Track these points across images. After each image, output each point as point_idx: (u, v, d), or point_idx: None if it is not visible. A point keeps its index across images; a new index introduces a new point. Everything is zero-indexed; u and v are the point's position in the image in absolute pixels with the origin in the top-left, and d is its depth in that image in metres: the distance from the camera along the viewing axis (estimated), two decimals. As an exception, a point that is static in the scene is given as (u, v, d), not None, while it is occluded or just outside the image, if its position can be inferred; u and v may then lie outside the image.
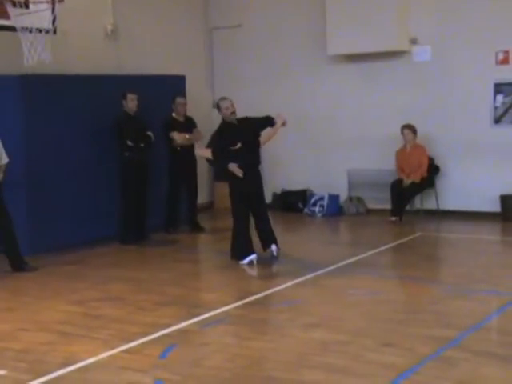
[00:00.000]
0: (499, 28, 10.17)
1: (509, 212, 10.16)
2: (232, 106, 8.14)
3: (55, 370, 5.02)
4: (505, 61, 10.21)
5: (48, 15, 8.55)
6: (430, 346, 5.25)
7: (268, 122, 8.26)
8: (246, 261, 8.03)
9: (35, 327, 6.07)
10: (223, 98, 8.25)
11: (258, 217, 8.30)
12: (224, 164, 8.08)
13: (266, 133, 8.39)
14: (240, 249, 8.14)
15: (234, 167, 7.99)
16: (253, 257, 8.04)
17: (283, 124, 8.31)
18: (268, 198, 8.95)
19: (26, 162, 8.87)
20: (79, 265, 8.40)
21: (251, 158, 8.17)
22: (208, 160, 8.97)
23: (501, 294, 6.65)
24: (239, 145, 7.98)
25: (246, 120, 8.26)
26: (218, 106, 8.28)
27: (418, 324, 5.84)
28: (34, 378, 4.90)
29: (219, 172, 8.32)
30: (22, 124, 8.85)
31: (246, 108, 8.73)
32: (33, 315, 6.43)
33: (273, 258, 8.24)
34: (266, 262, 8.19)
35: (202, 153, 8.42)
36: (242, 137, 8.07)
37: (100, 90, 9.55)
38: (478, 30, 10.31)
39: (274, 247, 8.28)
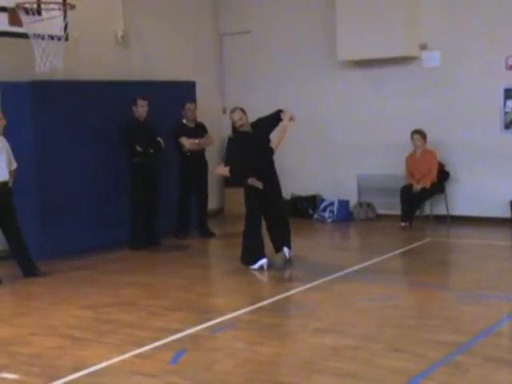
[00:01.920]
0: (509, 33, 10.16)
1: (519, 217, 10.15)
2: (241, 118, 8.10)
3: (67, 375, 5.05)
4: (515, 66, 10.21)
5: (60, 22, 8.62)
6: (441, 351, 5.24)
7: (277, 118, 8.24)
8: (256, 265, 8.04)
9: (47, 332, 6.10)
10: (233, 110, 8.23)
11: (273, 218, 8.29)
12: (243, 180, 8.10)
13: (276, 134, 8.33)
14: (251, 253, 8.14)
15: (253, 181, 8.00)
16: (263, 261, 8.05)
17: (291, 119, 8.26)
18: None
19: (38, 168, 8.93)
20: (90, 270, 8.44)
21: (265, 161, 8.19)
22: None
23: (511, 299, 6.63)
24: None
25: (258, 123, 8.28)
26: (230, 117, 8.30)
27: (429, 329, 5.83)
28: (46, 383, 4.93)
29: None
30: (33, 130, 8.91)
31: (256, 113, 8.74)
32: (44, 320, 6.47)
33: (286, 261, 8.25)
34: (275, 267, 8.21)
35: (221, 172, 8.50)
36: (255, 144, 8.10)
37: (111, 95, 9.60)
38: (488, 35, 10.31)
39: (285, 249, 8.29)
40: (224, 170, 8.30)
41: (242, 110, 8.17)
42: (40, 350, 5.64)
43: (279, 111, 8.29)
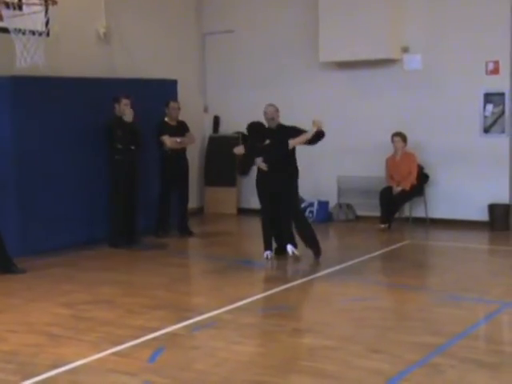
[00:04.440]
0: (489, 38, 10.25)
1: (497, 221, 10.24)
2: (271, 112, 8.50)
3: (44, 372, 5.02)
4: (495, 71, 10.29)
5: (41, 17, 8.54)
6: (418, 352, 5.28)
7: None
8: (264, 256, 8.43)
9: (24, 329, 6.06)
10: (268, 105, 8.60)
11: (280, 216, 8.51)
12: (251, 160, 8.48)
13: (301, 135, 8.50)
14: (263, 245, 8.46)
15: (259, 163, 8.35)
16: (266, 253, 8.37)
17: (318, 131, 8.45)
18: (258, 204, 8.96)
19: (17, 164, 8.86)
20: (69, 267, 8.40)
21: (278, 157, 8.37)
22: (239, 167, 9.14)
23: (488, 301, 6.69)
24: (267, 141, 8.34)
25: (289, 127, 8.53)
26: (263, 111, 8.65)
27: (406, 331, 5.87)
28: (23, 380, 4.89)
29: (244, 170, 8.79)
30: (12, 125, 8.85)
31: (238, 113, 8.78)
32: (21, 317, 6.43)
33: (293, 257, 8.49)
34: (255, 268, 8.22)
35: (237, 151, 8.85)
36: (272, 137, 8.37)
37: (92, 92, 9.56)
38: (469, 39, 10.39)
39: (289, 247, 8.47)
40: (240, 149, 8.74)
41: (276, 109, 8.55)
42: (16, 347, 5.60)
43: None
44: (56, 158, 9.26)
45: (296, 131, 8.49)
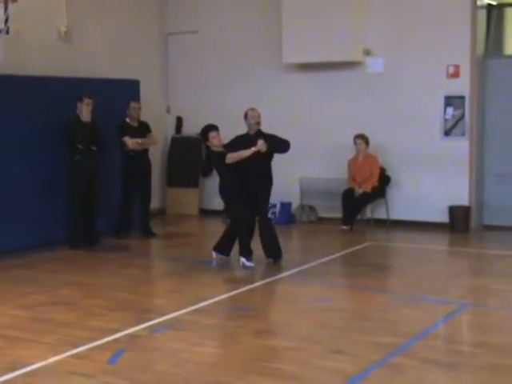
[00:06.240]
0: (450, 42, 10.38)
1: (457, 223, 10.36)
2: (258, 116, 8.42)
3: (2, 375, 4.94)
4: (455, 74, 10.42)
5: (0, 15, 8.44)
6: (379, 353, 5.31)
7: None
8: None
9: (-19, 331, 5.96)
10: (252, 109, 8.52)
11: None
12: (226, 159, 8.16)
13: (242, 151, 8.25)
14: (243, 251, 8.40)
15: (234, 155, 8.09)
16: (249, 263, 8.21)
17: (259, 150, 8.22)
18: (220, 205, 8.94)
19: (-25, 164, 8.72)
20: (27, 269, 8.28)
21: (259, 166, 8.25)
22: (203, 169, 8.95)
23: (448, 302, 6.77)
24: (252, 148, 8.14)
25: (267, 136, 8.36)
26: (245, 115, 8.48)
27: (367, 331, 5.90)
28: (-21, 383, 4.82)
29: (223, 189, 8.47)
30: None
31: (201, 114, 8.75)
32: (-22, 319, 6.32)
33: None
34: (215, 269, 8.19)
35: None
36: (251, 144, 8.18)
37: (52, 91, 9.44)
38: (430, 43, 10.51)
39: (241, 259, 8.32)
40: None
41: (259, 114, 8.47)
42: (-27, 349, 5.51)
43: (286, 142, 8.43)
44: (15, 157, 9.11)
45: (273, 137, 8.38)
